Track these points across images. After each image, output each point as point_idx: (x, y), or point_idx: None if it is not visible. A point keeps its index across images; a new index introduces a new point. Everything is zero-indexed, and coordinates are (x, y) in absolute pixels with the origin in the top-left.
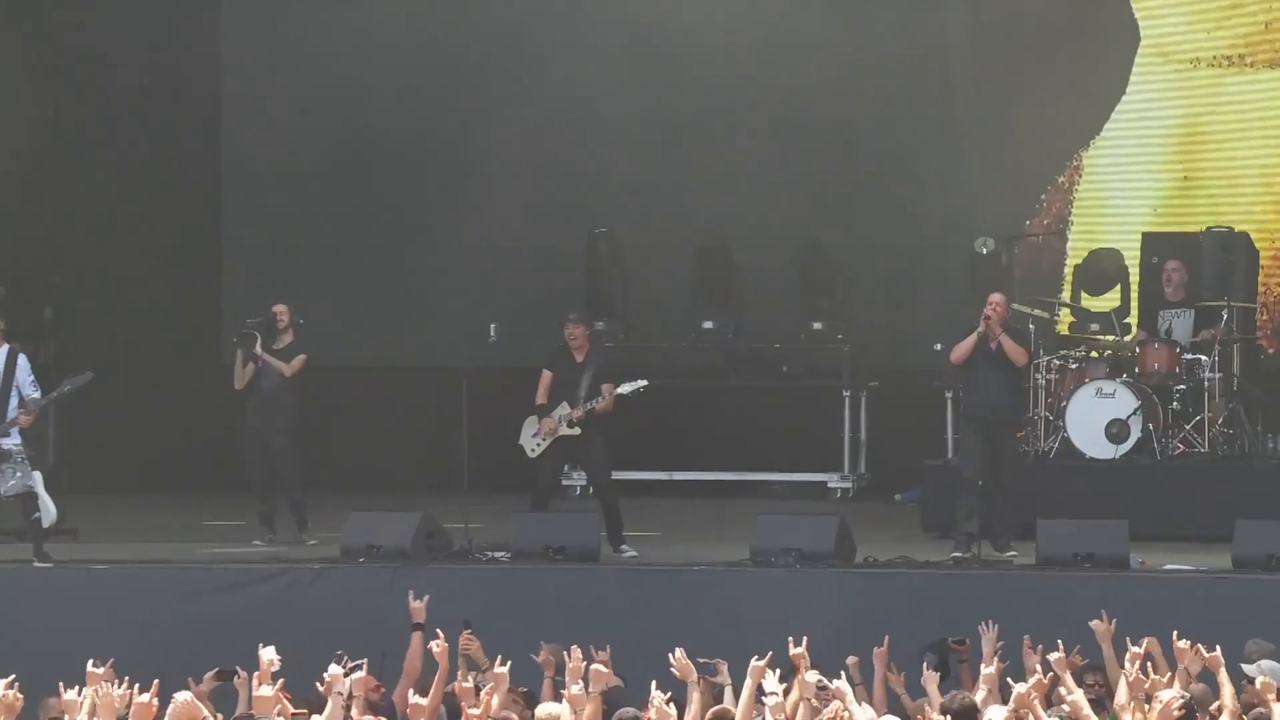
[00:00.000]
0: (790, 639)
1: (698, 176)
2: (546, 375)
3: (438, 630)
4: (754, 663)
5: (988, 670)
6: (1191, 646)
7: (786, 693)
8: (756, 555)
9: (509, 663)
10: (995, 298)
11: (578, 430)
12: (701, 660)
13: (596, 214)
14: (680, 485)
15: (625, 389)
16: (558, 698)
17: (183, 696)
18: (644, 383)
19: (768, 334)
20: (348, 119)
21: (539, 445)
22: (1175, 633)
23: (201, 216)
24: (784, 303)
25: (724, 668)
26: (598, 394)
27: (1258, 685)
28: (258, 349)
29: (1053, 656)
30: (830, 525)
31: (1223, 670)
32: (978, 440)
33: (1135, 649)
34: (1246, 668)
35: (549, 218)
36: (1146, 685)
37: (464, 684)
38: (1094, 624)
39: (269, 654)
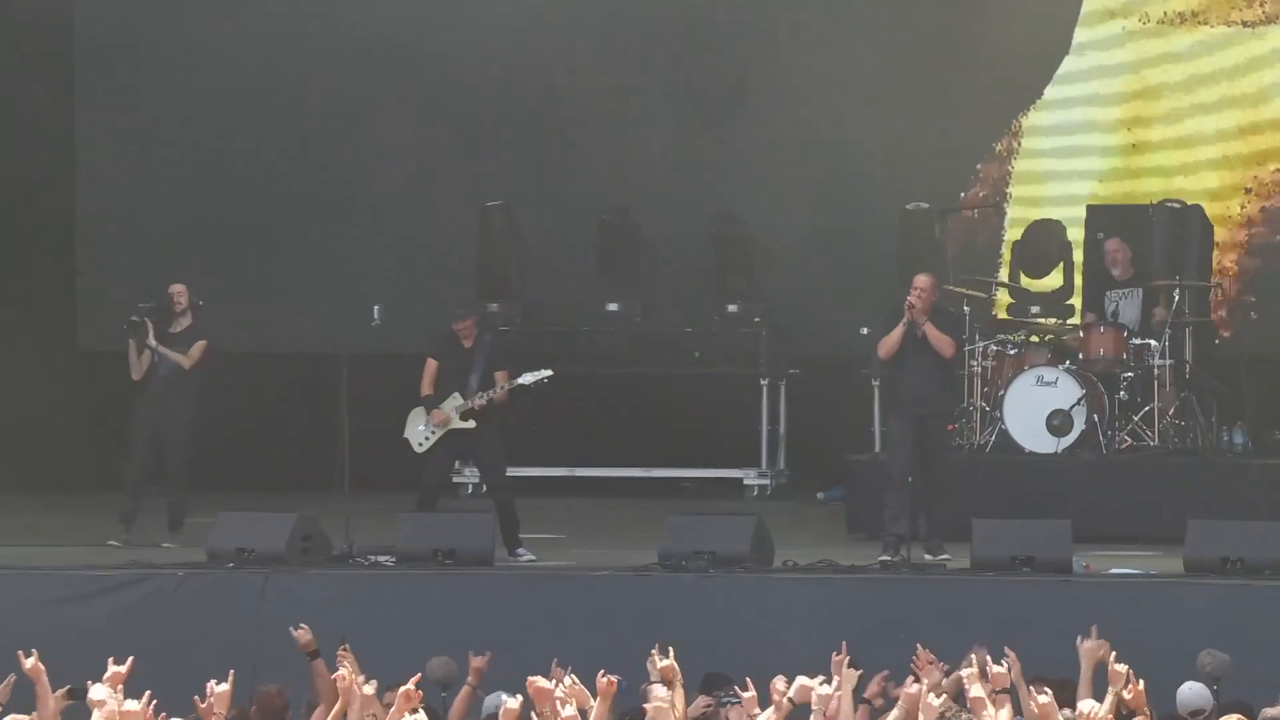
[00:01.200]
0: (654, 650)
1: (601, 145)
2: (431, 364)
3: (341, 661)
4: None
5: (909, 690)
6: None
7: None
8: (666, 559)
9: (374, 682)
10: (920, 281)
11: (471, 424)
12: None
13: (490, 187)
14: (582, 482)
15: (528, 379)
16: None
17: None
18: (548, 372)
19: (678, 317)
20: (214, 88)
21: (428, 439)
22: (1114, 655)
23: (52, 192)
24: (696, 282)
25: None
26: (491, 383)
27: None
28: (150, 339)
29: (964, 671)
30: (746, 526)
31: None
32: (906, 434)
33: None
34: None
35: (439, 190)
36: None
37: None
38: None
39: (99, 693)
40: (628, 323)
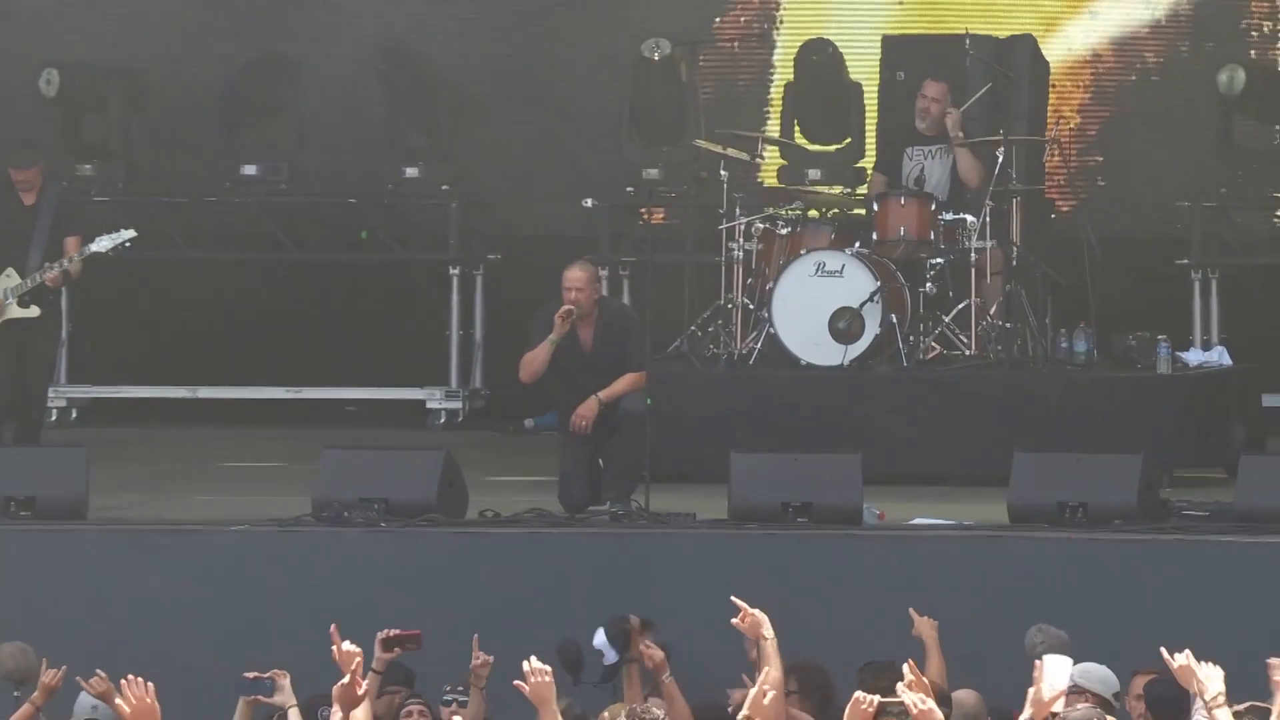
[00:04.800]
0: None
1: None
2: None
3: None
4: None
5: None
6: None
7: None
8: (322, 509)
9: None
10: (575, 277)
11: (35, 311)
12: (250, 676)
13: (81, 22)
14: (211, 406)
15: (103, 244)
16: None
17: None
18: (130, 233)
19: (338, 183)
20: None
21: None
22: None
23: None
24: (362, 137)
25: (285, 681)
26: (59, 253)
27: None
28: None
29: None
30: (431, 464)
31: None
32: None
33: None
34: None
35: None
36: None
37: None
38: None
39: None
40: (271, 191)
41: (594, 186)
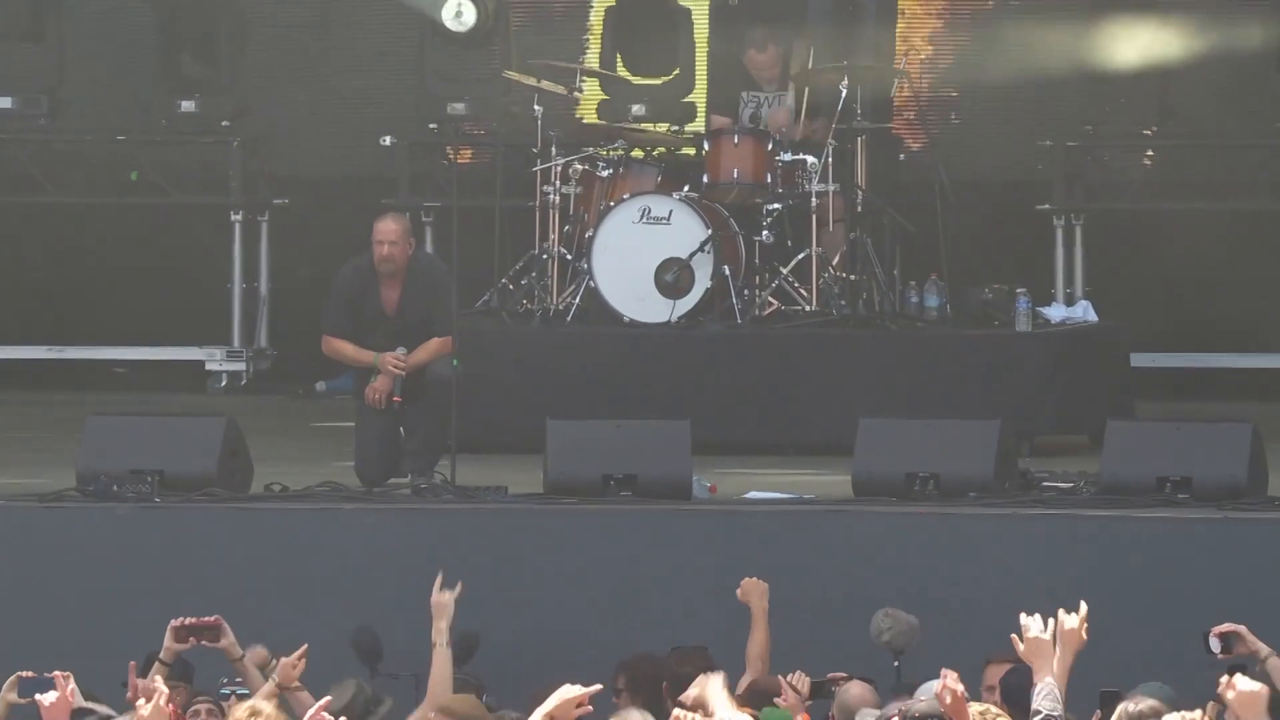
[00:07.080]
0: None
1: None
2: None
3: None
4: None
5: None
6: None
7: None
8: (88, 481)
9: None
10: (387, 228)
11: None
12: (25, 674)
13: None
14: None
15: None
16: None
17: None
18: None
19: (105, 118)
20: None
21: None
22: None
23: None
24: (131, 66)
25: (70, 684)
26: None
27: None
28: None
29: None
30: (213, 432)
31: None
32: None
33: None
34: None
35: None
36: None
37: None
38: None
39: None
40: (28, 127)
41: (392, 122)
